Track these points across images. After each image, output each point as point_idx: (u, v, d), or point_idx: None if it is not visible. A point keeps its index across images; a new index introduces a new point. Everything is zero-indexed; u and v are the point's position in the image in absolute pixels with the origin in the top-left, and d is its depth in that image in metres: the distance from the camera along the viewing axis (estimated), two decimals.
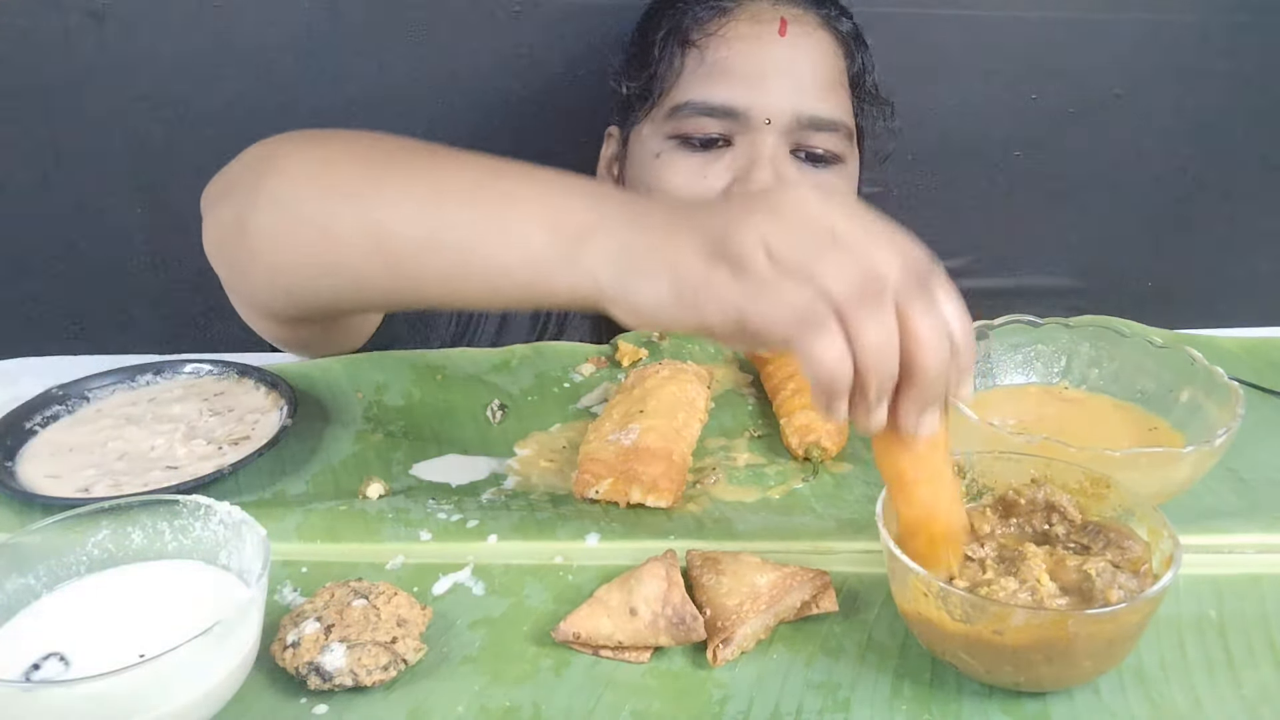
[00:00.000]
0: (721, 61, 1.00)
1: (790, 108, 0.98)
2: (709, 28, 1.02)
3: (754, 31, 1.01)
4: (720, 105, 0.99)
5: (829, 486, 0.75)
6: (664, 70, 1.04)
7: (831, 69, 1.02)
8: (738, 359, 0.93)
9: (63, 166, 1.21)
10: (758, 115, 0.98)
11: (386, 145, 0.73)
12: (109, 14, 1.16)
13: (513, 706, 0.56)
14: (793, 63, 1.00)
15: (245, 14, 1.18)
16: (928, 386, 0.54)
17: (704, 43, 1.02)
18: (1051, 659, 0.53)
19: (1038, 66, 1.28)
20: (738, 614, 0.59)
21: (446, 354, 0.93)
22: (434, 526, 0.69)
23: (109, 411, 0.81)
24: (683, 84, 1.02)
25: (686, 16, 1.04)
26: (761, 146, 0.98)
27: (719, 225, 0.57)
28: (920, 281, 0.56)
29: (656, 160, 1.02)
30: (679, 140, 1.01)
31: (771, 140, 0.98)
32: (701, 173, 1.00)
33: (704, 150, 1.00)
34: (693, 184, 1.00)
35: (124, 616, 0.55)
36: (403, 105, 1.24)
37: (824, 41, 1.02)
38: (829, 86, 1.01)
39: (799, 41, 1.01)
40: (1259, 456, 0.77)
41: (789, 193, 0.58)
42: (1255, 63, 1.30)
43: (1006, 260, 1.39)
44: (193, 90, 1.20)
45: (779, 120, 0.98)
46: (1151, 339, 0.76)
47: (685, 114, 1.00)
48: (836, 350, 0.53)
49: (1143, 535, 0.58)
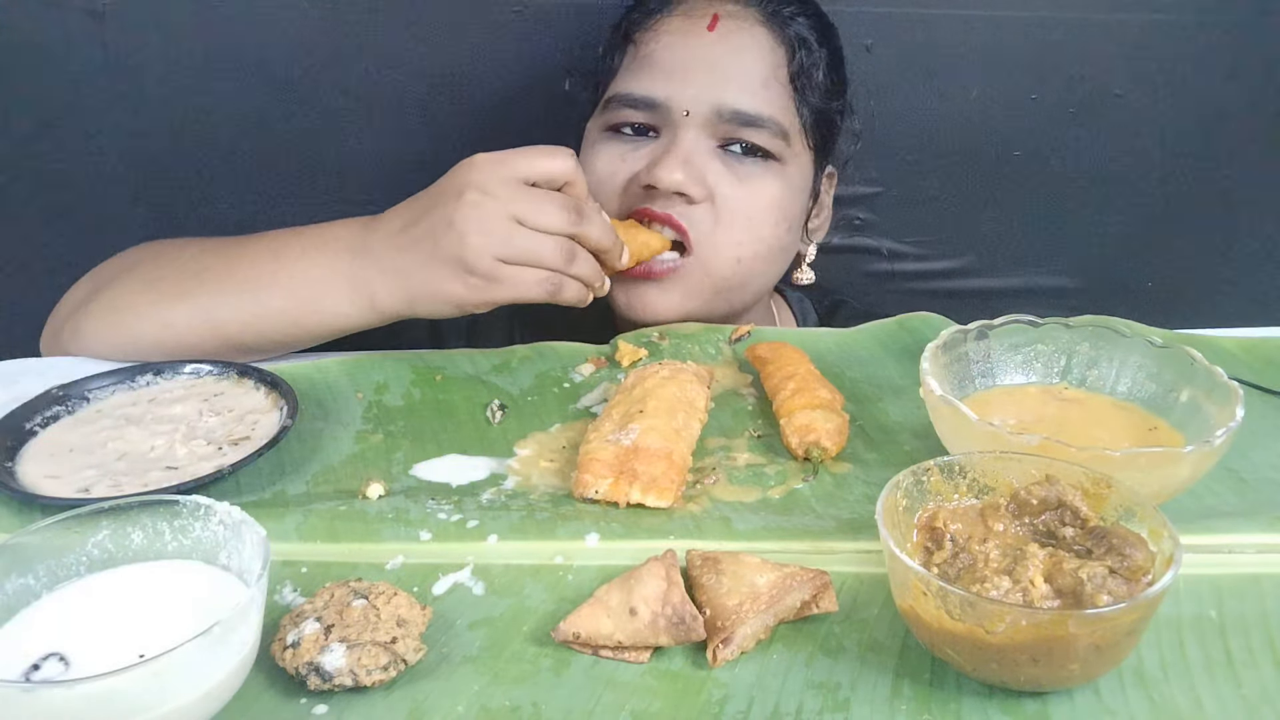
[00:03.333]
0: (650, 55, 1.01)
1: (711, 100, 0.98)
2: (647, 24, 1.04)
3: (684, 26, 1.01)
4: (641, 97, 1.00)
5: (829, 486, 0.75)
6: (606, 67, 1.06)
7: (765, 65, 1.00)
8: (738, 359, 0.93)
9: (63, 166, 1.21)
10: (677, 107, 0.98)
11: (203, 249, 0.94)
12: (109, 14, 1.16)
13: (513, 706, 0.56)
14: (719, 56, 0.99)
15: (245, 14, 1.18)
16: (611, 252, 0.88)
17: (640, 38, 1.03)
18: (1038, 660, 0.53)
19: (1038, 66, 1.28)
20: (738, 614, 0.59)
21: (447, 354, 0.93)
22: (434, 526, 0.69)
23: (109, 412, 0.81)
24: (617, 79, 1.04)
25: (633, 14, 1.05)
26: (679, 139, 0.98)
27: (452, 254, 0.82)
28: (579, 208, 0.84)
29: (590, 150, 1.04)
30: (611, 131, 1.02)
31: (692, 133, 0.98)
32: (621, 157, 1.01)
33: (630, 140, 1.01)
34: (611, 167, 1.01)
35: (124, 616, 0.55)
36: (403, 105, 1.24)
37: (759, 38, 1.01)
38: (760, 82, 1.00)
39: (729, 36, 1.00)
40: (1259, 456, 0.77)
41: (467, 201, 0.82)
42: (1255, 63, 1.30)
43: (1006, 260, 1.40)
44: (193, 90, 1.20)
45: (698, 112, 0.98)
46: (1151, 339, 0.76)
47: (614, 106, 1.02)
48: (575, 290, 0.85)
49: (1143, 535, 0.58)
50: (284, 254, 0.89)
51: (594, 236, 0.85)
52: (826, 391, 0.81)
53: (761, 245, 1.01)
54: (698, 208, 0.97)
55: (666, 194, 0.96)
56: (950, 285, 1.39)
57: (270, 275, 0.88)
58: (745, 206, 0.99)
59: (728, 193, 0.98)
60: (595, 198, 1.00)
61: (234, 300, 0.89)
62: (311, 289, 0.87)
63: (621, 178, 1.00)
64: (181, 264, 0.93)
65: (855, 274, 1.36)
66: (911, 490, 0.62)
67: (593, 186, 1.00)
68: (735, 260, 0.99)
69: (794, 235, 1.06)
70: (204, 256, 0.93)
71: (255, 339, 0.89)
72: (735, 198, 0.98)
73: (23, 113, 1.19)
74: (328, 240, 0.89)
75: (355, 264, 0.86)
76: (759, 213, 1.00)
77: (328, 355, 0.93)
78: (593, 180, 1.00)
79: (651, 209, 0.97)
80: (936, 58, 1.28)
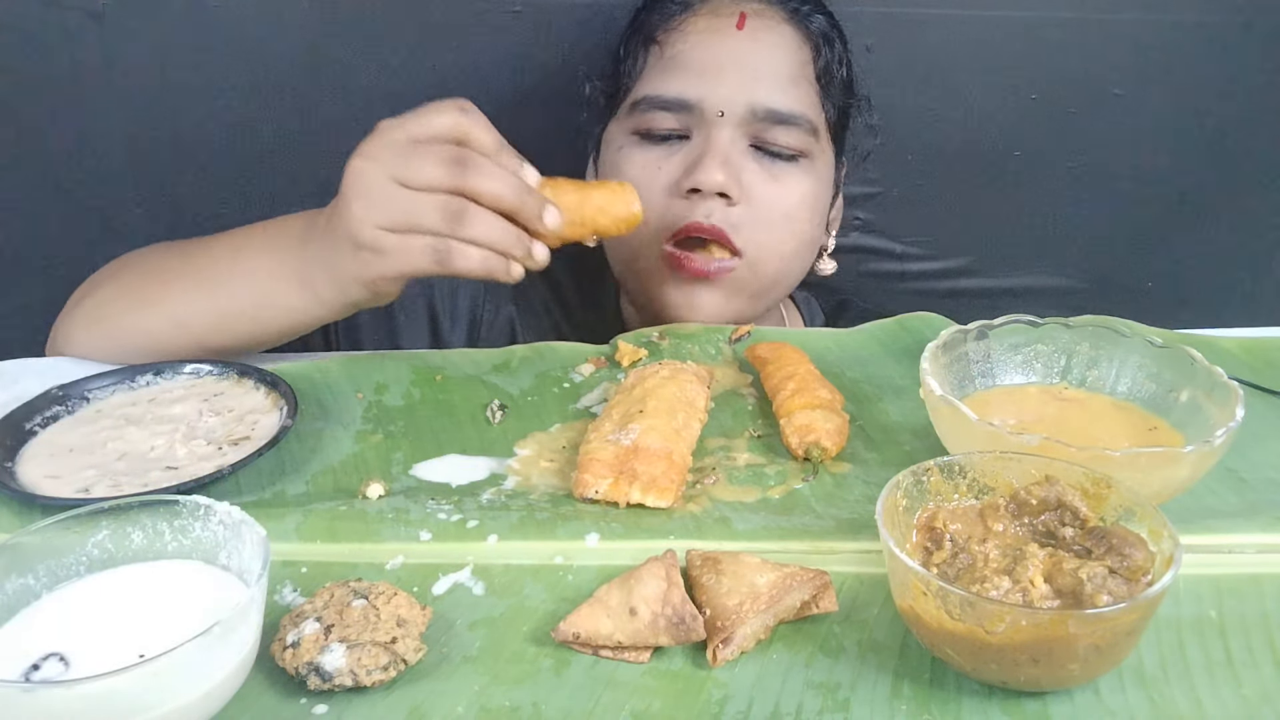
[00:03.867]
0: (678, 56, 1.00)
1: (745, 100, 0.97)
2: (670, 24, 1.03)
3: (712, 25, 1.01)
4: (674, 98, 0.99)
5: (829, 486, 0.75)
6: (628, 69, 1.05)
7: (793, 63, 1.01)
8: (738, 359, 0.93)
9: (63, 166, 1.21)
10: (710, 108, 0.97)
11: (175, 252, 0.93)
12: (109, 14, 1.16)
13: (513, 706, 0.56)
14: (750, 55, 0.99)
15: (245, 14, 1.18)
16: (524, 210, 0.75)
17: (664, 39, 1.02)
18: (1038, 660, 0.53)
19: (1038, 66, 1.28)
20: (738, 614, 0.59)
21: (446, 354, 0.93)
22: (434, 526, 0.69)
23: (109, 412, 0.81)
24: (643, 80, 1.03)
25: (653, 14, 1.05)
26: (715, 139, 0.97)
27: (342, 228, 0.76)
28: (462, 158, 0.74)
29: (618, 155, 1.03)
30: (640, 135, 1.01)
31: (727, 133, 0.98)
32: (656, 165, 1.00)
33: (662, 144, 1.00)
34: (648, 176, 0.99)
35: (124, 616, 0.55)
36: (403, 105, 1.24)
37: (787, 36, 1.01)
38: (790, 80, 1.00)
39: (759, 35, 1.00)
40: (1259, 456, 0.77)
41: (351, 168, 0.76)
42: (1255, 63, 1.30)
43: (1006, 260, 1.40)
44: (192, 90, 1.20)
45: (733, 112, 0.97)
46: (1151, 339, 0.76)
47: (643, 109, 1.00)
48: (474, 258, 0.74)
49: (1143, 535, 0.58)
50: (243, 251, 0.87)
51: (486, 190, 0.74)
52: (826, 391, 0.81)
53: (798, 241, 1.02)
54: (736, 209, 0.98)
55: (708, 196, 0.96)
56: (950, 285, 1.39)
57: (228, 274, 0.86)
58: (782, 205, 1.00)
59: (763, 192, 0.99)
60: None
61: (200, 302, 0.87)
62: (265, 285, 0.84)
63: (660, 185, 0.99)
64: (155, 269, 0.93)
65: (856, 273, 1.36)
66: (911, 490, 0.62)
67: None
68: (779, 258, 1.01)
69: (821, 229, 1.07)
70: (173, 259, 0.92)
71: (225, 339, 0.87)
72: (771, 196, 0.99)
73: (23, 113, 1.19)
74: (280, 234, 0.86)
75: (301, 255, 0.82)
76: (794, 210, 1.00)
77: (328, 355, 0.93)
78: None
79: (699, 223, 0.96)
80: (936, 58, 1.27)
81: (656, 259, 1.00)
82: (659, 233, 0.98)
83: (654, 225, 0.98)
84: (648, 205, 0.97)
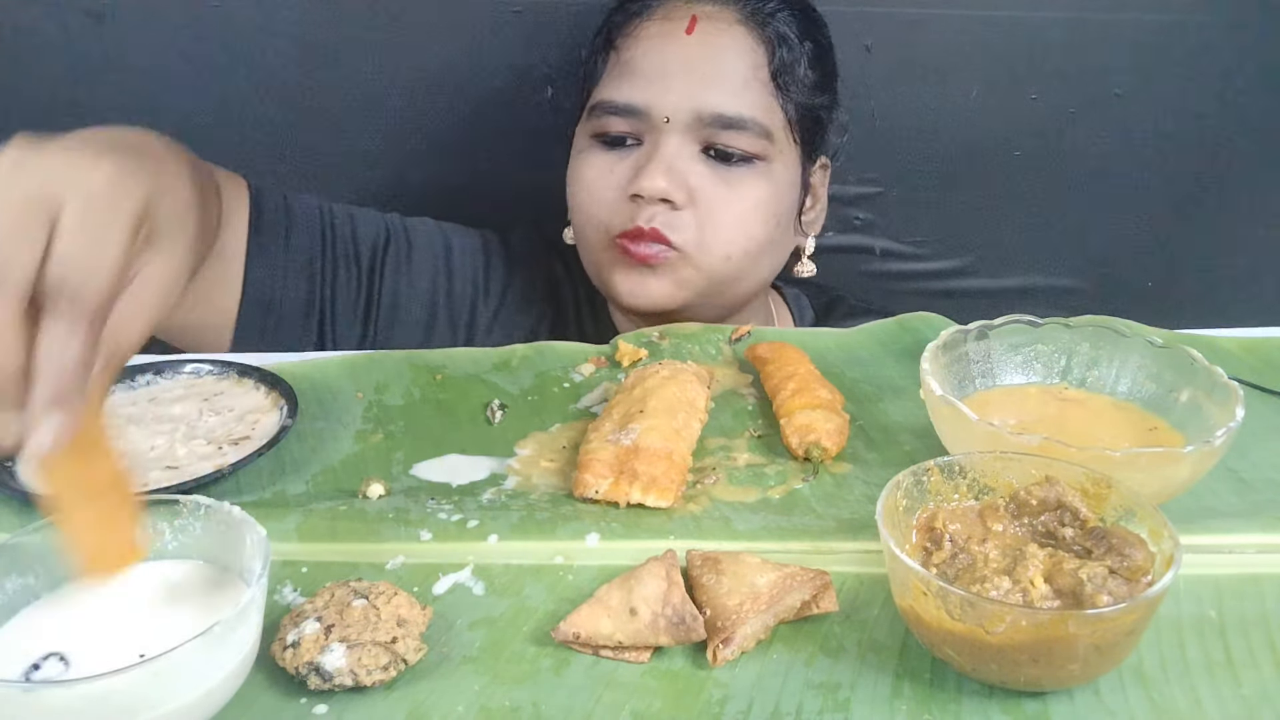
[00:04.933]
0: (631, 61, 1.01)
1: (691, 106, 0.98)
2: (627, 29, 1.04)
3: (664, 30, 1.01)
4: (624, 104, 1.00)
5: (829, 486, 0.75)
6: (589, 72, 1.06)
7: (744, 66, 1.00)
8: (738, 359, 0.93)
9: None
10: (658, 113, 0.98)
11: None
12: (109, 14, 1.16)
13: (513, 706, 0.56)
14: (699, 60, 0.99)
15: (245, 14, 1.18)
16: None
17: (621, 43, 1.03)
18: (1038, 660, 0.53)
19: (1038, 66, 1.28)
20: (738, 614, 0.59)
21: (447, 354, 0.93)
22: (434, 526, 0.69)
23: (108, 411, 0.80)
24: (601, 85, 1.04)
25: (615, 18, 1.06)
26: (662, 146, 0.98)
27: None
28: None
29: (578, 158, 1.04)
30: (597, 139, 1.03)
31: (675, 139, 0.98)
32: (609, 169, 1.01)
33: (618, 147, 1.02)
34: (602, 180, 1.01)
35: (124, 616, 0.55)
36: (402, 105, 1.24)
37: (739, 38, 1.01)
38: (741, 84, 0.99)
39: (709, 39, 1.00)
40: (1259, 456, 0.77)
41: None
42: (1255, 63, 1.30)
43: (1006, 260, 1.39)
44: (192, 91, 1.20)
45: (679, 118, 0.98)
46: (1151, 339, 0.76)
47: (598, 114, 1.02)
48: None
49: (1143, 535, 0.58)
50: None
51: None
52: (826, 391, 0.81)
53: (751, 243, 1.01)
54: (682, 213, 0.99)
55: (652, 201, 0.98)
56: (950, 285, 1.39)
57: None
58: (735, 208, 1.00)
59: (712, 196, 0.99)
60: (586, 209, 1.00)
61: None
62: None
63: (610, 190, 1.01)
64: None
65: (855, 273, 1.36)
66: (911, 490, 0.62)
67: (583, 197, 1.02)
68: (725, 258, 1.01)
69: (786, 231, 1.07)
70: None
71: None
72: (721, 199, 0.99)
73: (22, 113, 1.19)
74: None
75: None
76: (746, 213, 1.00)
77: (328, 355, 0.93)
78: (582, 190, 1.02)
79: (640, 227, 0.98)
80: (936, 58, 1.27)
81: (609, 250, 1.02)
82: (610, 232, 1.01)
83: (606, 225, 1.01)
84: (598, 210, 1.00)
